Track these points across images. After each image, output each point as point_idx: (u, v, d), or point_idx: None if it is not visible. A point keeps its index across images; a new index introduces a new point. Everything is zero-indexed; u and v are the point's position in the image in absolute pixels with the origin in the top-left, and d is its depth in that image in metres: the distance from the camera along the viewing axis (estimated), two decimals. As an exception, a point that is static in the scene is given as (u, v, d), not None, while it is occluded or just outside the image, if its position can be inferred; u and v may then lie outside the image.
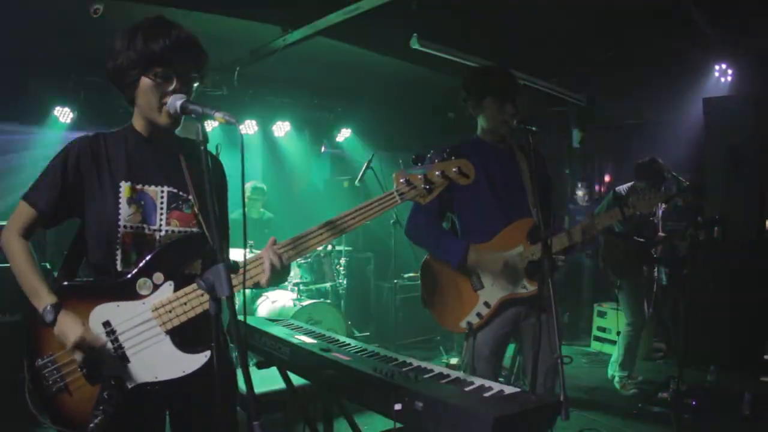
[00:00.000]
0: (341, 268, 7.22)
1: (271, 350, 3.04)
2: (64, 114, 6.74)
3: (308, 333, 3.18)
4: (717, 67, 7.10)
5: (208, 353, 2.06)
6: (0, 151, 6.35)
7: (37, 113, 6.66)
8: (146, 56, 2.03)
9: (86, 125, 6.63)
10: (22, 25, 5.39)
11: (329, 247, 6.94)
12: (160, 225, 2.15)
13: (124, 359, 2.04)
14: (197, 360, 2.07)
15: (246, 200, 7.18)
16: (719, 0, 6.11)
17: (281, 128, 8.57)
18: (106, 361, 2.03)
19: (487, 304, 3.23)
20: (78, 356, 1.98)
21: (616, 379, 5.99)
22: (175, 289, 2.08)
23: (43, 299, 2.03)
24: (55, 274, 2.31)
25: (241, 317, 1.71)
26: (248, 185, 7.38)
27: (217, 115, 1.80)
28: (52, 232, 2.29)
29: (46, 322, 2.00)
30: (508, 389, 2.18)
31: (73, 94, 6.65)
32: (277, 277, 2.11)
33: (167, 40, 2.03)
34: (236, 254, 5.79)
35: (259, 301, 6.56)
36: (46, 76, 6.41)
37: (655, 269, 6.25)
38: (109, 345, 2.04)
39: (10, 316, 4.72)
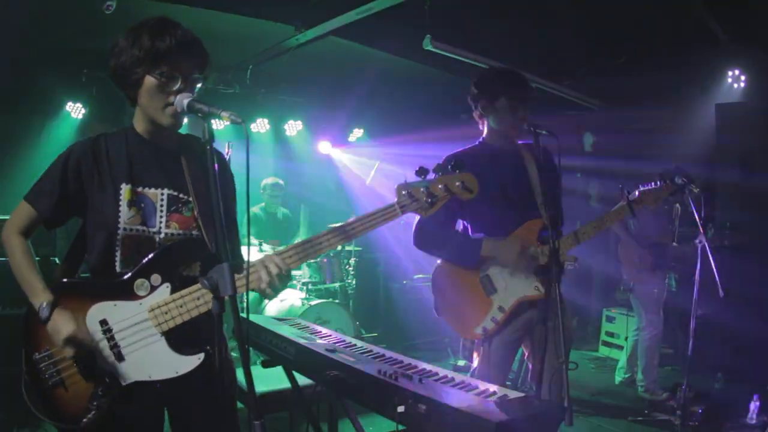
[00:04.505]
0: (351, 269, 7.20)
1: (277, 349, 3.03)
2: (76, 109, 6.79)
3: (315, 333, 3.17)
4: (730, 74, 7.02)
5: (201, 356, 2.07)
6: (12, 144, 6.39)
7: (49, 108, 6.73)
8: (152, 55, 2.03)
9: (97, 121, 6.69)
10: (35, 20, 5.42)
11: (338, 248, 6.93)
12: (160, 227, 2.16)
13: (120, 357, 2.06)
14: (190, 362, 2.07)
15: (267, 197, 7.21)
16: (733, 6, 6.06)
17: (293, 127, 8.59)
18: (100, 359, 2.05)
19: (501, 308, 3.18)
20: (69, 352, 2.00)
21: (641, 387, 5.88)
22: (172, 291, 2.09)
23: (40, 296, 2.05)
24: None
25: (243, 315, 1.71)
26: (268, 181, 7.31)
27: (224, 114, 1.80)
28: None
29: (42, 319, 2.02)
30: (513, 394, 2.16)
31: (85, 89, 6.69)
32: (276, 284, 2.09)
33: (173, 39, 2.04)
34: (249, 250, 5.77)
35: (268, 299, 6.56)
36: (58, 72, 6.45)
37: (666, 275, 6.20)
38: (105, 343, 2.05)
39: (17, 309, 4.74)
